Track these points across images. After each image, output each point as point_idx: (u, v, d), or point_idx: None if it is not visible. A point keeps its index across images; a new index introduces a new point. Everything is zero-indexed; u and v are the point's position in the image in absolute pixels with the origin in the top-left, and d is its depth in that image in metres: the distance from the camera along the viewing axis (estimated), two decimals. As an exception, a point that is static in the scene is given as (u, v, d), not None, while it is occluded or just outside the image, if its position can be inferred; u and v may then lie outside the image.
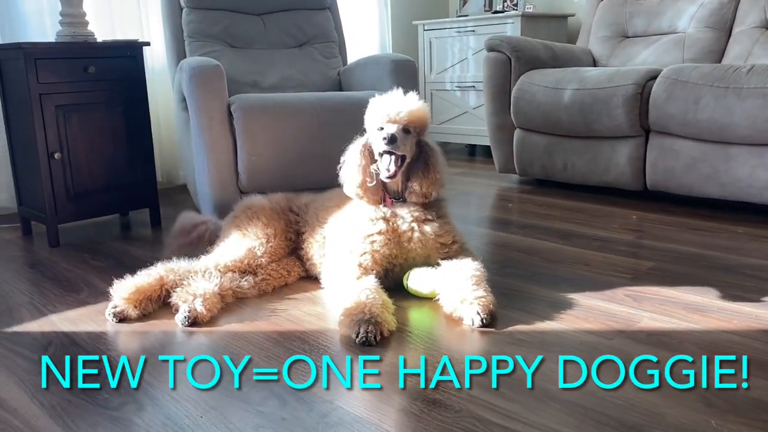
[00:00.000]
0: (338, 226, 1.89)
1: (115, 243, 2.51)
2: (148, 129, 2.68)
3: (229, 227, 2.03)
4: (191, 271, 1.81)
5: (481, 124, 4.23)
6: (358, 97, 2.68)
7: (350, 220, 1.85)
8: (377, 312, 1.55)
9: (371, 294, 1.61)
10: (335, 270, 1.79)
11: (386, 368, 1.41)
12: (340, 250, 1.82)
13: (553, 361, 1.41)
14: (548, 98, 3.05)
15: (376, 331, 1.51)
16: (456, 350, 1.49)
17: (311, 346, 1.53)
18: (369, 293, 1.61)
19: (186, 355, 1.51)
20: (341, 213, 1.92)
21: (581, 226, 2.52)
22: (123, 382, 1.38)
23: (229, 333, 1.62)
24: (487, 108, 3.39)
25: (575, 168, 3.07)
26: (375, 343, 1.50)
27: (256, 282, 1.89)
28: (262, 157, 2.43)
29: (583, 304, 1.74)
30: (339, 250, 1.82)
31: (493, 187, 3.36)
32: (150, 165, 2.70)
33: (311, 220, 2.01)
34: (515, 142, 3.29)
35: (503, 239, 2.39)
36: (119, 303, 1.71)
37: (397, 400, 1.28)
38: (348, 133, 2.60)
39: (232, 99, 2.43)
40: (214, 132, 2.38)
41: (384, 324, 1.54)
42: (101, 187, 2.58)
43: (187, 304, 1.68)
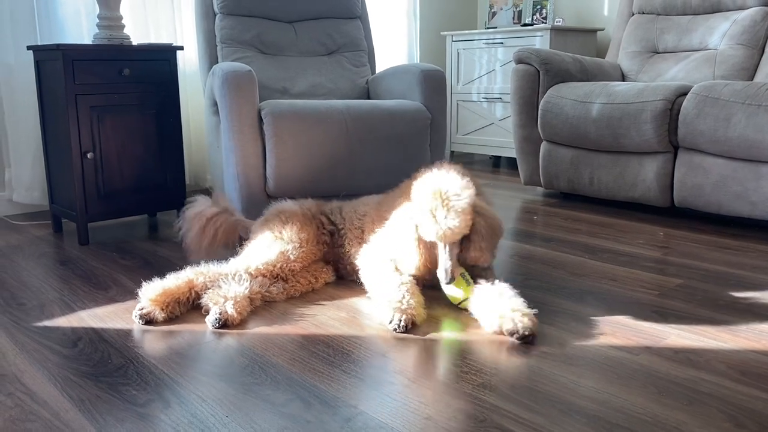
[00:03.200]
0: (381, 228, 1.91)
1: (142, 243, 2.54)
2: (179, 132, 2.72)
3: (261, 229, 2.05)
4: (222, 274, 1.82)
5: (506, 136, 4.23)
6: (386, 105, 2.70)
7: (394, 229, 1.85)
8: (413, 303, 1.68)
9: (408, 287, 1.73)
10: (375, 263, 1.85)
11: (411, 375, 1.41)
12: (382, 249, 1.86)
13: (579, 374, 1.41)
14: (576, 111, 3.04)
15: (408, 320, 1.65)
16: (482, 360, 1.49)
17: (335, 350, 1.54)
18: (406, 287, 1.73)
19: (214, 356, 1.53)
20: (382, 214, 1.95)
21: (607, 241, 2.51)
22: (150, 380, 1.40)
23: (257, 335, 1.64)
24: (514, 120, 3.38)
25: (602, 182, 3.05)
26: (406, 331, 1.64)
27: (285, 288, 1.90)
28: (290, 163, 2.45)
29: (609, 319, 1.73)
30: (381, 249, 1.86)
31: (517, 200, 3.35)
32: (179, 167, 2.73)
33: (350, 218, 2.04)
34: (541, 155, 3.28)
35: (528, 252, 2.38)
36: (146, 305, 1.72)
37: (421, 407, 1.28)
38: (375, 141, 2.63)
39: (263, 104, 2.46)
40: (244, 136, 2.41)
41: (417, 315, 1.68)
42: (131, 188, 2.62)
43: (218, 306, 1.70)
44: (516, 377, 1.40)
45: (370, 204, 2.05)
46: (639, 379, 1.39)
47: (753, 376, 1.40)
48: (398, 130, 2.66)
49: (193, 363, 1.49)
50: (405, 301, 1.69)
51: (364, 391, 1.35)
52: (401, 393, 1.34)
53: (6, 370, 1.46)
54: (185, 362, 1.49)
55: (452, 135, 4.58)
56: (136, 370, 1.45)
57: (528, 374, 1.41)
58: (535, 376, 1.40)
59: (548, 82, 3.24)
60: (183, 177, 2.76)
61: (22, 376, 1.43)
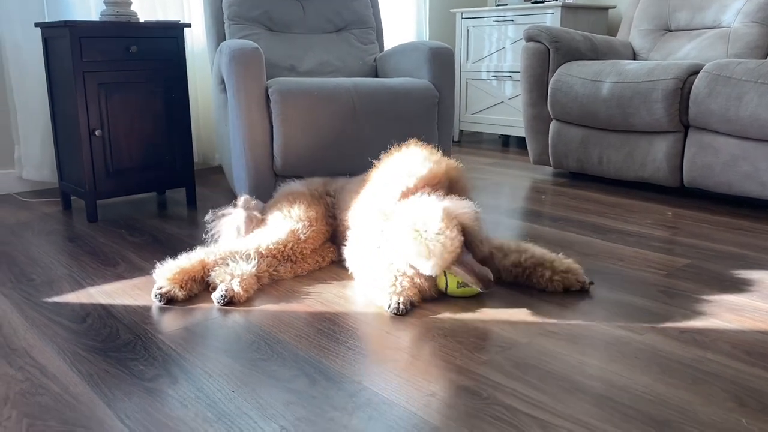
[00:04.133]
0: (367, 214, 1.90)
1: (151, 220, 2.56)
2: (187, 110, 2.72)
3: (270, 211, 2.05)
4: (232, 253, 1.83)
5: (516, 115, 4.20)
6: (393, 84, 2.69)
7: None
8: (407, 284, 1.66)
9: (398, 266, 1.69)
10: (360, 249, 1.84)
11: (415, 352, 1.42)
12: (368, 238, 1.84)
13: (584, 353, 1.41)
14: (586, 90, 3.01)
15: (407, 301, 1.63)
16: (485, 337, 1.49)
17: (340, 327, 1.55)
18: (396, 267, 1.70)
19: (220, 332, 1.54)
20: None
21: (615, 221, 2.50)
22: (158, 355, 1.41)
23: (263, 312, 1.65)
24: (524, 98, 3.36)
25: (611, 162, 3.03)
26: (406, 313, 1.62)
27: (292, 267, 1.91)
28: (297, 141, 2.45)
29: (616, 298, 1.73)
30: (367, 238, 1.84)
31: (526, 179, 3.33)
32: (187, 145, 2.74)
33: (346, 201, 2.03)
34: (551, 134, 3.26)
35: (535, 231, 2.38)
36: (164, 284, 1.72)
37: (425, 383, 1.29)
38: (382, 120, 2.62)
39: (270, 82, 2.45)
40: (252, 114, 2.41)
41: (414, 294, 1.66)
42: (139, 166, 2.63)
43: (225, 283, 1.71)
44: (521, 355, 1.41)
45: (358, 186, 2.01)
46: (644, 358, 1.39)
47: (758, 356, 1.40)
48: (406, 109, 2.65)
49: (200, 339, 1.50)
50: (398, 283, 1.67)
51: (369, 368, 1.36)
52: (405, 370, 1.35)
53: (16, 344, 1.48)
54: (192, 338, 1.50)
55: (461, 114, 4.55)
56: (144, 345, 1.47)
57: (533, 353, 1.42)
58: (540, 355, 1.41)
59: (558, 60, 3.21)
60: (191, 155, 2.76)
61: (32, 350, 1.45)
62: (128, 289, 1.82)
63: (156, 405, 1.23)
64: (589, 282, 1.77)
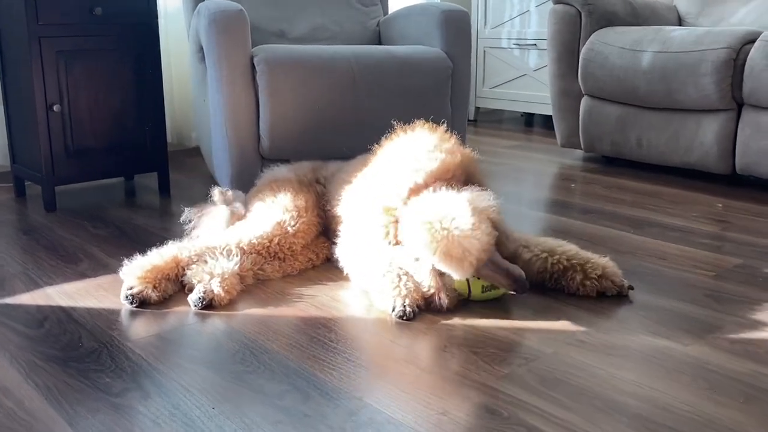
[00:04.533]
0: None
1: (118, 210, 2.56)
2: (160, 82, 2.72)
3: (252, 201, 2.06)
4: (209, 249, 1.84)
5: (541, 90, 4.19)
6: (400, 52, 2.68)
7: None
8: (411, 285, 1.66)
9: (400, 263, 1.70)
10: (356, 244, 1.84)
11: (425, 364, 1.43)
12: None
13: (619, 367, 1.41)
14: (624, 61, 3.01)
15: (414, 304, 1.64)
16: (505, 347, 1.50)
17: (338, 335, 1.56)
18: (402, 266, 1.70)
19: (199, 340, 1.55)
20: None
21: (656, 213, 2.50)
22: (126, 366, 1.42)
23: (248, 317, 1.66)
24: (551, 70, 3.35)
25: (652, 145, 3.03)
26: (413, 318, 1.62)
27: (281, 266, 1.91)
28: (287, 118, 2.45)
29: (656, 303, 1.73)
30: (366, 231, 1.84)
31: (552, 164, 3.33)
32: (160, 123, 2.74)
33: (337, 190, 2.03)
34: (582, 112, 3.25)
35: (563, 225, 2.38)
36: (135, 284, 1.72)
37: (435, 400, 1.30)
38: (387, 95, 2.62)
39: (256, 50, 2.45)
40: (235, 88, 2.41)
41: (420, 299, 1.66)
42: (105, 146, 2.63)
43: (203, 284, 1.71)
44: (547, 368, 1.41)
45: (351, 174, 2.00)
46: (689, 373, 1.40)
47: (822, 371, 1.40)
48: (414, 82, 2.64)
49: (175, 348, 1.50)
50: (403, 284, 1.67)
51: (370, 382, 1.36)
52: (413, 384, 1.35)
53: (-37, 352, 1.49)
54: (166, 347, 1.51)
55: (477, 88, 4.55)
56: (111, 354, 1.47)
57: (561, 365, 1.42)
58: (569, 368, 1.41)
59: (592, 26, 3.20)
60: (164, 134, 2.76)
61: (-18, 359, 1.46)
62: (92, 289, 1.82)
63: (124, 424, 1.23)
64: (628, 286, 1.77)
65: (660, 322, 1.62)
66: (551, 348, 1.50)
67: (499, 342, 1.53)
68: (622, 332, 1.57)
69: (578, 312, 1.68)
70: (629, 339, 1.54)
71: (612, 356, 1.46)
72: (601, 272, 1.76)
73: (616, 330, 1.58)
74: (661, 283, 1.86)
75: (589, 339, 1.54)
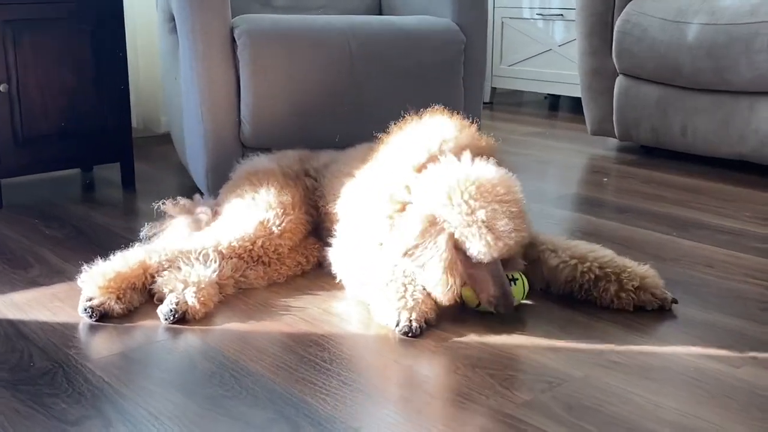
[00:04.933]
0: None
1: (74, 206, 2.56)
2: (123, 57, 2.72)
3: (228, 197, 2.06)
4: (183, 253, 1.84)
5: (569, 68, 4.19)
6: (404, 24, 2.68)
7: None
8: (420, 296, 1.66)
9: (407, 270, 1.70)
10: (354, 246, 1.84)
11: (433, 388, 1.43)
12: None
13: (659, 392, 1.42)
14: (665, 35, 3.01)
15: (421, 319, 1.63)
16: (527, 369, 1.50)
17: (332, 354, 1.56)
18: (404, 268, 1.70)
19: (169, 359, 1.55)
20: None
21: (703, 213, 2.50)
22: (85, 390, 1.42)
23: (227, 333, 1.66)
24: (580, 45, 3.35)
25: (698, 133, 3.03)
26: (420, 334, 1.62)
27: (266, 272, 1.92)
28: (273, 101, 2.45)
29: (702, 318, 1.73)
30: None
31: (581, 155, 3.33)
32: (124, 106, 2.74)
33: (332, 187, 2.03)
34: (616, 94, 3.25)
35: (594, 226, 2.38)
36: (96, 294, 1.72)
37: (445, 431, 1.30)
38: (388, 73, 2.61)
39: (237, 21, 2.45)
40: (212, 64, 2.41)
41: (430, 311, 1.66)
42: (59, 133, 2.63)
43: (175, 293, 1.72)
44: (574, 394, 1.41)
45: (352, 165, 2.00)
46: (739, 399, 1.40)
47: None
48: (420, 59, 2.64)
49: (142, 368, 1.51)
50: (409, 294, 1.66)
51: (370, 410, 1.37)
52: (419, 413, 1.36)
53: None
54: (132, 367, 1.51)
55: (494, 65, 4.55)
56: (67, 376, 1.47)
57: (591, 390, 1.42)
58: (600, 393, 1.41)
59: (628, -6, 3.21)
60: (128, 119, 2.77)
61: None
62: (45, 299, 1.82)
63: (84, 456, 1.24)
64: (671, 299, 1.77)
65: (707, 341, 1.62)
66: (580, 370, 1.50)
67: (519, 363, 1.53)
68: (662, 351, 1.57)
69: (612, 328, 1.68)
70: (670, 360, 1.54)
71: (650, 380, 1.46)
72: (639, 283, 1.76)
73: (655, 349, 1.58)
74: (707, 294, 1.86)
75: (624, 360, 1.54)
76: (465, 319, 1.72)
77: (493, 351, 1.58)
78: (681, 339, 1.63)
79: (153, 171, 3.02)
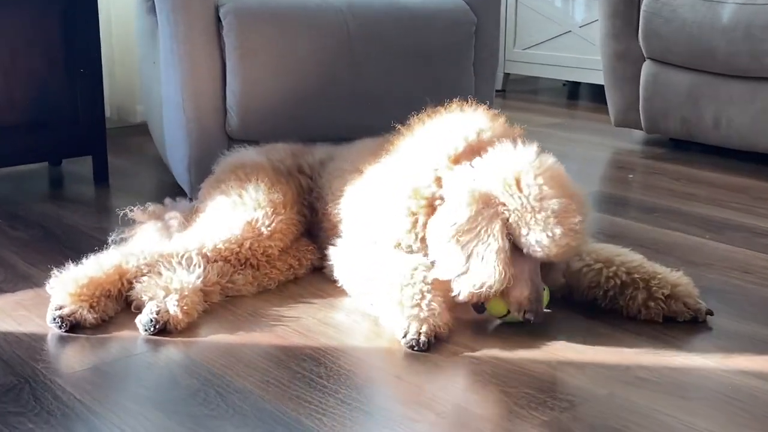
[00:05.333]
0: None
1: (41, 204, 2.56)
2: (96, 39, 2.72)
3: (212, 194, 2.06)
4: (164, 257, 1.84)
5: (590, 52, 4.19)
6: (408, 2, 2.68)
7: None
8: (436, 307, 1.63)
9: (427, 275, 1.68)
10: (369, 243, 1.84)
11: (442, 407, 1.43)
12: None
13: (692, 411, 1.42)
14: (697, 15, 3.01)
15: (431, 331, 1.62)
16: (545, 386, 1.50)
17: (329, 369, 1.56)
18: (423, 275, 1.68)
19: (148, 374, 1.55)
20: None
21: (740, 214, 2.50)
22: (55, 408, 1.42)
23: (212, 346, 1.66)
24: (603, 27, 3.35)
25: (733, 125, 3.03)
26: (427, 348, 1.60)
27: (255, 276, 1.92)
28: (263, 88, 2.45)
29: (740, 330, 1.73)
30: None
31: (605, 148, 3.33)
32: (97, 93, 2.74)
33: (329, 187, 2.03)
34: (643, 82, 3.25)
35: (619, 228, 2.38)
36: (66, 302, 1.72)
37: (456, 456, 1.30)
38: (391, 57, 2.61)
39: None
40: (195, 47, 2.40)
41: (443, 325, 1.64)
42: (24, 123, 2.63)
43: (156, 301, 1.71)
44: (599, 414, 1.41)
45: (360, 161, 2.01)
46: (783, 420, 1.40)
47: None
48: (426, 41, 2.64)
49: (118, 384, 1.50)
50: (425, 303, 1.65)
51: (372, 431, 1.36)
52: (426, 434, 1.36)
53: None
54: (107, 383, 1.51)
55: (507, 49, 4.55)
56: (34, 393, 1.47)
57: (617, 410, 1.42)
58: (628, 414, 1.41)
59: (656, -30, 3.21)
60: (101, 108, 2.76)
61: None
62: (9, 308, 1.82)
63: (54, 482, 1.24)
64: (706, 311, 1.77)
65: (744, 355, 1.62)
66: (604, 388, 1.50)
67: (536, 380, 1.53)
68: (695, 368, 1.57)
69: (639, 341, 1.67)
70: (704, 376, 1.54)
71: (683, 399, 1.46)
72: (671, 291, 1.76)
73: (688, 365, 1.58)
74: (744, 304, 1.86)
75: (653, 376, 1.54)
76: (478, 331, 1.72)
77: (507, 366, 1.58)
78: (715, 353, 1.63)
79: (128, 165, 3.02)
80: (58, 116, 2.68)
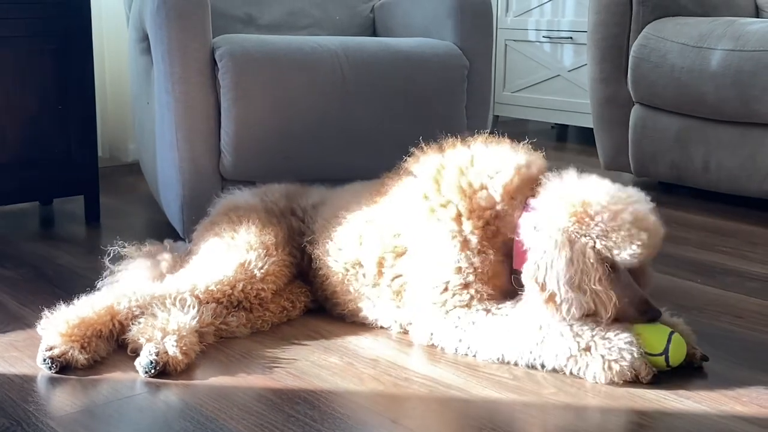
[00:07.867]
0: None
1: (32, 244, 2.55)
2: (90, 78, 2.73)
3: (206, 236, 2.06)
4: (157, 298, 1.83)
5: (579, 95, 4.23)
6: (402, 46, 2.70)
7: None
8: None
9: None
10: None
11: (436, 454, 1.42)
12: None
13: (689, 458, 1.41)
14: (686, 61, 3.04)
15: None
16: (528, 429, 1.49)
17: (323, 413, 1.54)
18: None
19: (140, 417, 1.53)
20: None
21: (730, 258, 2.51)
22: (47, 451, 1.41)
23: (206, 388, 1.64)
24: (592, 71, 3.38)
25: (722, 169, 3.05)
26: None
27: (249, 318, 1.91)
28: (257, 129, 2.45)
29: (732, 375, 1.73)
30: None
31: (594, 191, 3.34)
32: (89, 132, 2.74)
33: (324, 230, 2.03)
34: (632, 125, 3.27)
35: (611, 270, 2.39)
36: (57, 342, 1.71)
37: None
38: (385, 99, 2.62)
39: (218, 41, 2.47)
40: (190, 88, 2.41)
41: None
42: (16, 161, 2.62)
43: (154, 343, 1.70)
44: (594, 460, 1.41)
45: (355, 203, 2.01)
46: (779, 467, 1.39)
47: None
48: (419, 84, 2.66)
49: (108, 427, 1.49)
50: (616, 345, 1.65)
51: (368, 476, 1.36)
52: (423, 480, 1.35)
53: None
54: (99, 425, 1.49)
55: (497, 92, 4.58)
56: (26, 436, 1.46)
57: (612, 456, 1.42)
58: (623, 460, 1.41)
59: (646, 16, 3.23)
60: (94, 146, 2.76)
61: None
62: (1, 348, 1.81)
63: None
64: (701, 356, 1.77)
65: (738, 400, 1.62)
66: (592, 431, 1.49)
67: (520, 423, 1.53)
68: (690, 412, 1.57)
69: (633, 385, 1.67)
70: (699, 422, 1.53)
71: (679, 444, 1.46)
72: None
73: (682, 409, 1.58)
74: (737, 348, 1.86)
75: (647, 422, 1.53)
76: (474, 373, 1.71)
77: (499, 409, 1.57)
78: (710, 398, 1.62)
79: (120, 204, 3.01)
80: (50, 155, 2.68)
